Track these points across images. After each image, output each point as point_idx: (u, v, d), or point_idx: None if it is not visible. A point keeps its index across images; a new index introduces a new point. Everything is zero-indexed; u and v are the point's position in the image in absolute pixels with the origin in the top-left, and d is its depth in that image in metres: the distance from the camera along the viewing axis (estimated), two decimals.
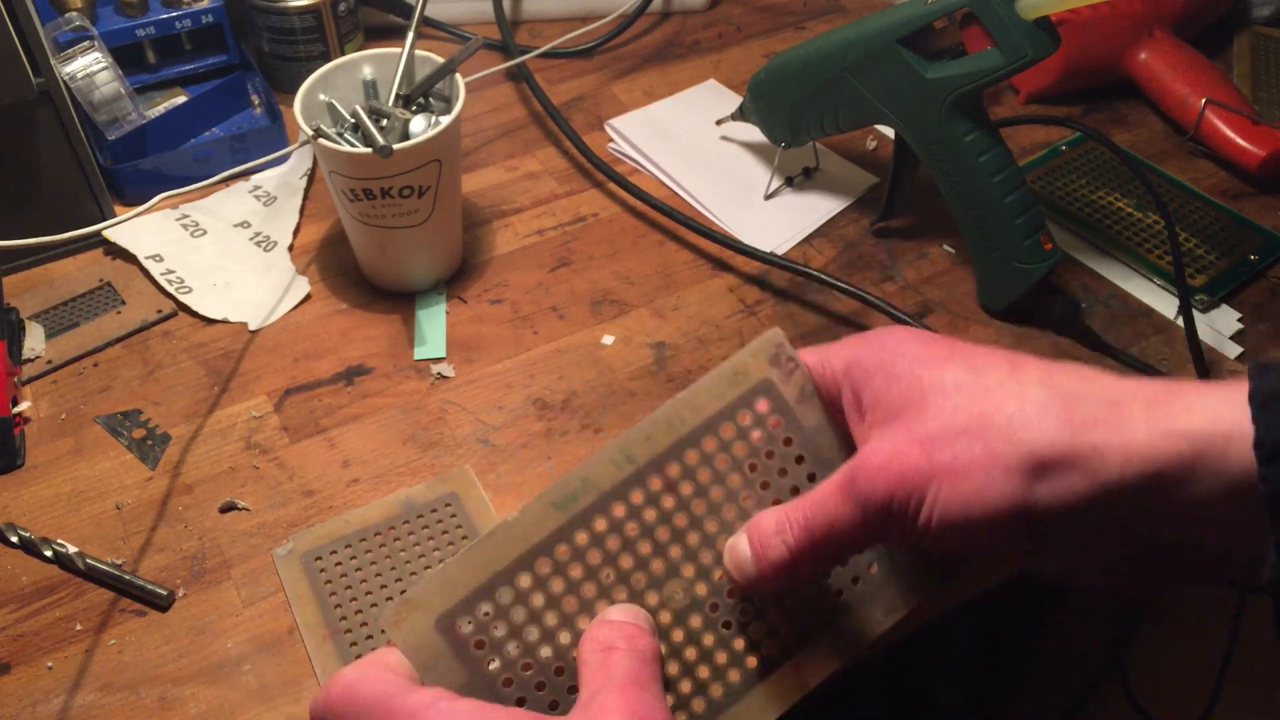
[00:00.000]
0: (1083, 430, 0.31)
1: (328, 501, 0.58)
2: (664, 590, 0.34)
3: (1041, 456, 0.31)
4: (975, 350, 0.35)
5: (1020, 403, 0.32)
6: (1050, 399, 0.32)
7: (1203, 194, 0.76)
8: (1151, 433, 0.30)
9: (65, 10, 0.72)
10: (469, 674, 0.32)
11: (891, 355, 0.35)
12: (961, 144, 0.63)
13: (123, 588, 0.54)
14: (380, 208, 0.63)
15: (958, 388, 0.33)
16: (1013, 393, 0.32)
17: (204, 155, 0.75)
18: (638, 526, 0.33)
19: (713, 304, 0.69)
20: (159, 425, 0.62)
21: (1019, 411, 0.32)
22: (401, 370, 0.65)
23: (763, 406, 0.35)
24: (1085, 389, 0.32)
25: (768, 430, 0.36)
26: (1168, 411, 0.30)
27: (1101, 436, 0.31)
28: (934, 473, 0.32)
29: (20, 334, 0.66)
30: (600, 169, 0.76)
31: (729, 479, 0.35)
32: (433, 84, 0.66)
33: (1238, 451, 0.29)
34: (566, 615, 0.33)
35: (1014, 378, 0.33)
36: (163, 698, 0.51)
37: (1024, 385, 0.32)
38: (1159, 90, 0.80)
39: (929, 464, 0.32)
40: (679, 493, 0.34)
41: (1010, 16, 0.59)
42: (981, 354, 0.34)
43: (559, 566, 0.32)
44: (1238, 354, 0.66)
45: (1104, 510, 0.31)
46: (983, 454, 0.31)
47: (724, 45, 0.91)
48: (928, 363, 0.34)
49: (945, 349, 0.35)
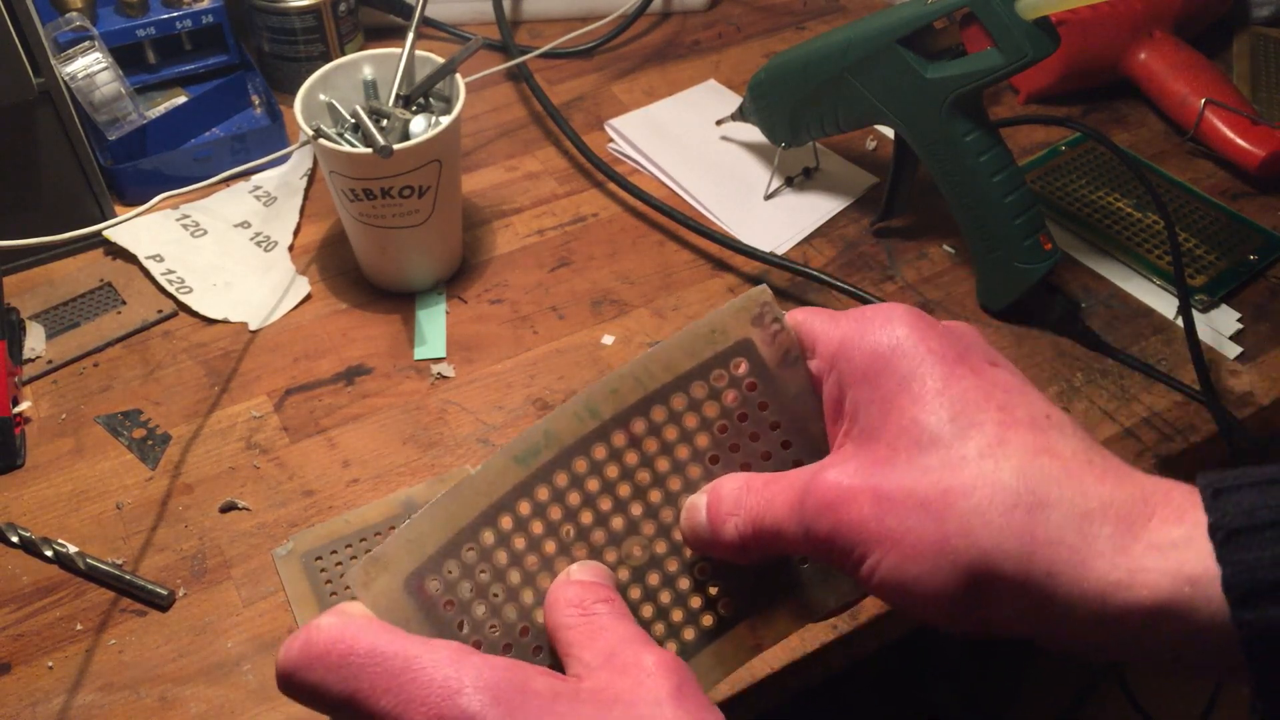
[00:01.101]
0: (1043, 549, 0.28)
1: (328, 501, 0.58)
2: (622, 547, 0.33)
3: (992, 567, 0.29)
4: (968, 387, 0.31)
5: (989, 493, 0.29)
6: (1019, 499, 0.29)
7: (1202, 194, 0.76)
8: (1113, 572, 0.28)
9: (65, 10, 0.72)
10: (440, 635, 0.31)
11: (884, 365, 0.32)
12: (961, 144, 0.63)
13: (123, 587, 0.54)
14: (380, 208, 0.63)
15: (934, 441, 0.30)
16: (985, 476, 0.29)
17: (204, 155, 0.75)
18: (599, 482, 0.33)
19: (713, 304, 0.69)
20: (159, 425, 0.62)
21: (983, 505, 0.29)
22: (401, 370, 0.65)
23: (740, 368, 0.34)
24: (1059, 493, 0.29)
25: (743, 393, 0.34)
26: (1135, 545, 0.28)
27: (1062, 563, 0.28)
28: (881, 537, 0.30)
29: (21, 334, 0.66)
30: (600, 169, 0.76)
31: (696, 438, 0.34)
32: (433, 84, 0.66)
33: (1204, 597, 0.27)
34: (529, 573, 0.32)
35: (994, 451, 0.30)
36: (163, 697, 0.51)
37: (999, 468, 0.29)
38: (1159, 90, 0.80)
39: (878, 525, 0.30)
40: (643, 449, 0.33)
41: (1010, 16, 0.59)
42: (973, 395, 0.31)
43: (521, 522, 0.32)
44: (1237, 354, 0.66)
45: (1051, 628, 0.30)
46: (934, 540, 0.29)
47: (724, 45, 0.91)
48: (914, 394, 0.31)
49: (939, 378, 0.31)
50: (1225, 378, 0.65)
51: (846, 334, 0.34)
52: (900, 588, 0.30)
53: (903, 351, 0.32)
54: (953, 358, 0.32)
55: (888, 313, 0.33)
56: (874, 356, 0.33)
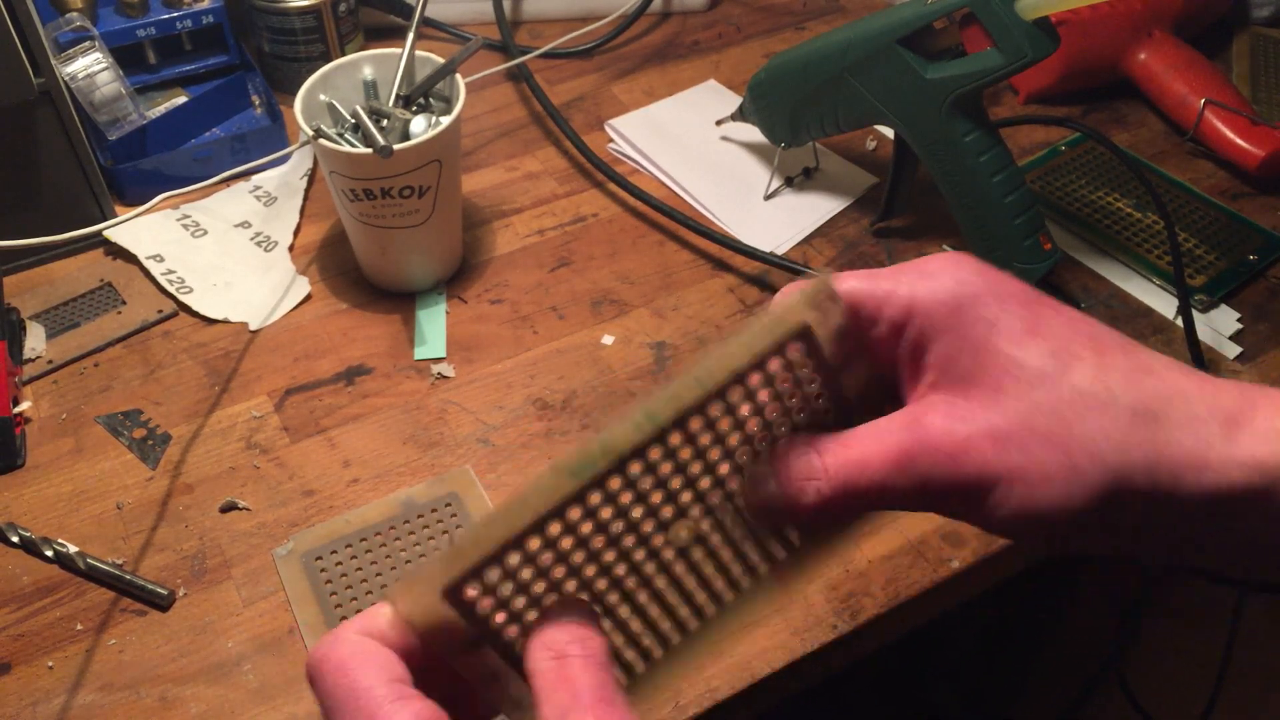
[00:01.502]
0: (1165, 455, 0.31)
1: (328, 501, 0.58)
2: (670, 532, 0.33)
3: (1121, 482, 0.31)
4: (1056, 324, 0.33)
5: (1107, 418, 0.31)
6: (1135, 415, 0.31)
7: (1202, 194, 0.76)
8: (1227, 460, 0.30)
9: (66, 10, 0.72)
10: (474, 628, 0.32)
11: (967, 313, 0.33)
12: (961, 144, 0.63)
13: (123, 587, 0.54)
14: (380, 208, 0.63)
15: (1040, 377, 0.31)
16: (1099, 401, 0.31)
17: (204, 155, 0.75)
18: (652, 480, 0.33)
19: (713, 304, 0.69)
20: (159, 425, 0.62)
21: (1106, 428, 0.31)
22: (402, 370, 0.65)
23: (794, 351, 0.33)
24: (1167, 403, 0.31)
25: (795, 374, 0.34)
26: (1242, 436, 0.31)
27: (1182, 462, 0.30)
28: (1007, 473, 0.31)
29: (21, 334, 0.66)
30: (600, 169, 0.76)
31: (748, 425, 0.33)
32: (433, 84, 0.66)
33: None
34: (573, 566, 0.32)
35: (1099, 379, 0.31)
36: (163, 697, 0.51)
37: (1111, 392, 0.31)
38: (1158, 90, 0.80)
39: (1001, 463, 0.31)
40: (697, 444, 0.33)
41: (1010, 17, 0.59)
42: (1063, 331, 0.32)
43: (569, 526, 0.32)
44: (1237, 354, 0.66)
45: (1172, 524, 0.31)
46: (1062, 466, 0.31)
47: (724, 45, 0.91)
48: (1007, 335, 0.32)
49: (1025, 319, 0.32)
50: (1225, 377, 0.65)
51: (915, 292, 0.34)
52: (1032, 516, 0.31)
53: (983, 299, 0.33)
54: (1032, 298, 0.33)
55: (952, 264, 0.34)
56: (954, 308, 0.33)
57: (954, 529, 0.57)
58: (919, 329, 0.33)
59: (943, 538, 0.57)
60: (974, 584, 0.58)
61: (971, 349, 0.32)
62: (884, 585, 0.55)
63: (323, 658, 0.31)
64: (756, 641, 0.53)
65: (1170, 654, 0.86)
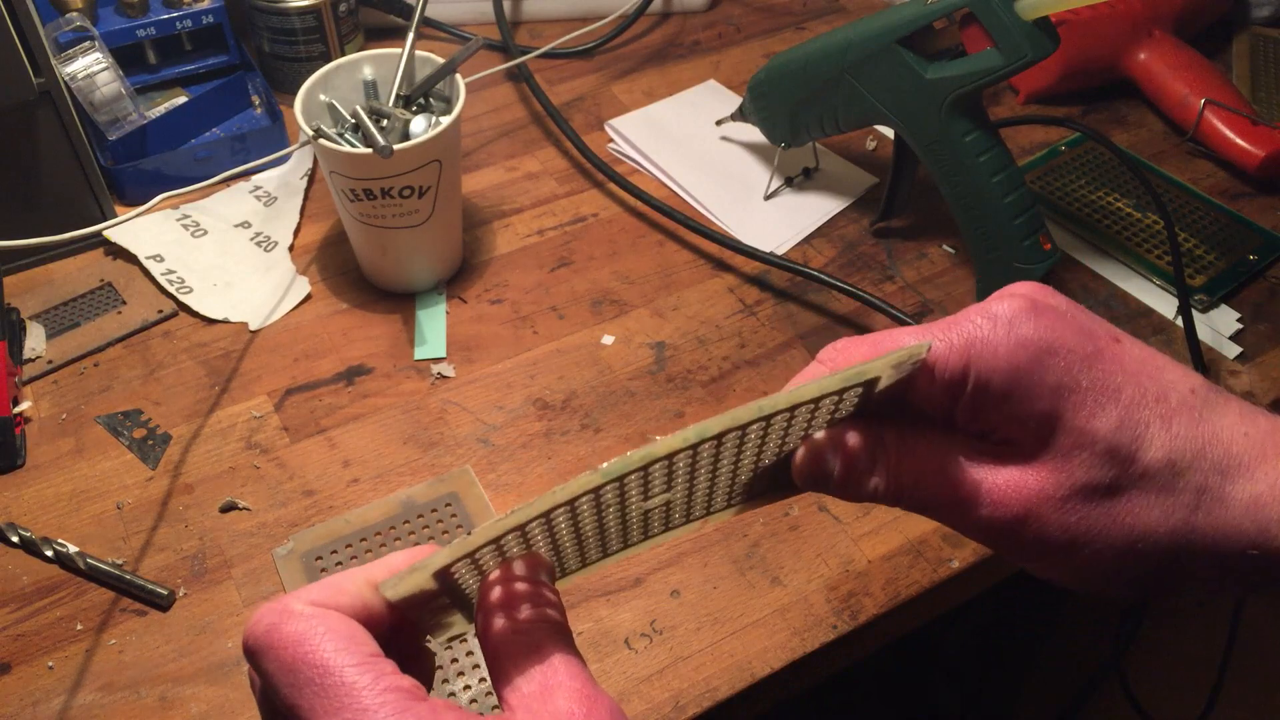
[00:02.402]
0: (1225, 535, 0.31)
1: (328, 501, 0.58)
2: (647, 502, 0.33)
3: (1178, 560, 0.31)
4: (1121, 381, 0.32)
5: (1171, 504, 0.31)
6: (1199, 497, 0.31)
7: (1202, 194, 0.76)
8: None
9: (66, 10, 0.72)
10: (456, 601, 0.32)
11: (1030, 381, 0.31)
12: (961, 144, 0.63)
13: (123, 587, 0.54)
14: (380, 208, 0.63)
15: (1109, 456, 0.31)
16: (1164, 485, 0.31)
17: (204, 155, 0.75)
18: (665, 469, 0.33)
19: (713, 304, 0.69)
20: (159, 425, 0.62)
21: (1169, 515, 0.31)
22: (402, 370, 0.65)
23: (853, 395, 0.33)
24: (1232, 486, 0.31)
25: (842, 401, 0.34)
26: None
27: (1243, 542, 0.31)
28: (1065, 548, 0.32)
29: (21, 334, 0.66)
30: (600, 169, 0.76)
31: (774, 429, 0.33)
32: (433, 84, 0.66)
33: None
34: (556, 528, 0.32)
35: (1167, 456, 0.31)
36: (163, 697, 0.51)
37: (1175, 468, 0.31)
38: (1158, 90, 0.80)
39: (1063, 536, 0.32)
40: (722, 444, 0.33)
41: (1010, 17, 0.59)
42: (1130, 391, 0.32)
43: (573, 511, 0.32)
44: (1237, 354, 0.66)
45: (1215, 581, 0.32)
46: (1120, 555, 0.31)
47: (724, 45, 0.91)
48: (1073, 405, 0.31)
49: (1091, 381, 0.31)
50: (1225, 378, 0.65)
51: (974, 357, 0.32)
52: (1076, 587, 0.33)
53: (1045, 362, 0.31)
54: (1093, 349, 0.32)
55: (1012, 320, 0.32)
56: (1014, 375, 0.31)
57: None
58: (976, 393, 0.32)
59: (943, 538, 0.57)
60: (974, 584, 0.58)
61: (1037, 419, 0.31)
62: (884, 585, 0.55)
63: (271, 631, 0.28)
64: (756, 641, 0.53)
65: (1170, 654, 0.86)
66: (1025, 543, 0.32)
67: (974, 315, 0.32)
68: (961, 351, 0.32)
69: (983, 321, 0.32)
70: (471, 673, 0.51)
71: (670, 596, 0.54)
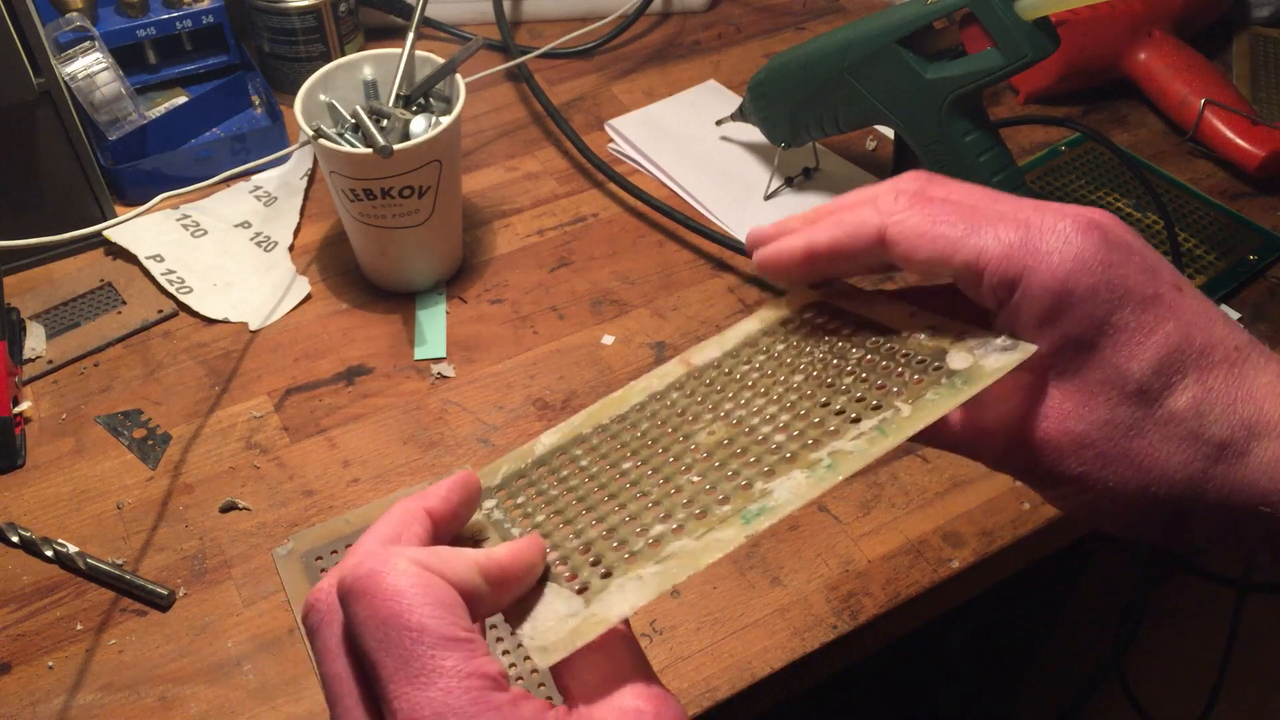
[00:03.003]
0: (1240, 491, 0.31)
1: (328, 501, 0.58)
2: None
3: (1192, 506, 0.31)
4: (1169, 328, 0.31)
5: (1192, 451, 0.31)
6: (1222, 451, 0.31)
7: (1202, 194, 0.76)
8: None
9: (66, 10, 0.72)
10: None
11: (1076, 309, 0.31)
12: (961, 144, 0.63)
13: (123, 587, 0.54)
14: (380, 208, 0.63)
15: (1139, 395, 0.31)
16: (1189, 431, 0.31)
17: (204, 155, 0.75)
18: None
19: (713, 304, 0.69)
20: (159, 425, 0.62)
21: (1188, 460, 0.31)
22: (402, 370, 0.65)
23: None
24: (1258, 444, 0.31)
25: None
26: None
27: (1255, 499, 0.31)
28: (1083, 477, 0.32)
29: (21, 334, 0.66)
30: (600, 169, 0.76)
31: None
32: (433, 84, 0.66)
33: None
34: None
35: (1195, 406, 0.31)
36: (163, 697, 0.51)
37: (1203, 421, 0.31)
38: (1158, 90, 0.80)
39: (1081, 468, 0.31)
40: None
41: (1010, 17, 0.59)
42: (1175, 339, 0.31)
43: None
44: None
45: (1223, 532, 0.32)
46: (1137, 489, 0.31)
47: (724, 45, 0.91)
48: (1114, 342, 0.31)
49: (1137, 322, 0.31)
50: None
51: (1028, 265, 0.31)
52: (1094, 519, 0.32)
53: (1099, 292, 0.31)
54: (1149, 294, 0.31)
55: (1071, 236, 0.31)
56: (1064, 297, 0.31)
57: (954, 529, 0.57)
58: (1022, 303, 0.31)
59: (943, 538, 0.57)
60: (974, 584, 0.58)
61: (1075, 346, 0.31)
62: (884, 585, 0.55)
63: (371, 577, 0.27)
64: (756, 641, 0.53)
65: (1170, 654, 0.86)
66: (1037, 470, 0.32)
67: (1040, 227, 0.31)
68: (1018, 261, 0.31)
69: (1050, 237, 0.31)
70: None
71: (670, 596, 0.54)
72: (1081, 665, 0.91)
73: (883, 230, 0.33)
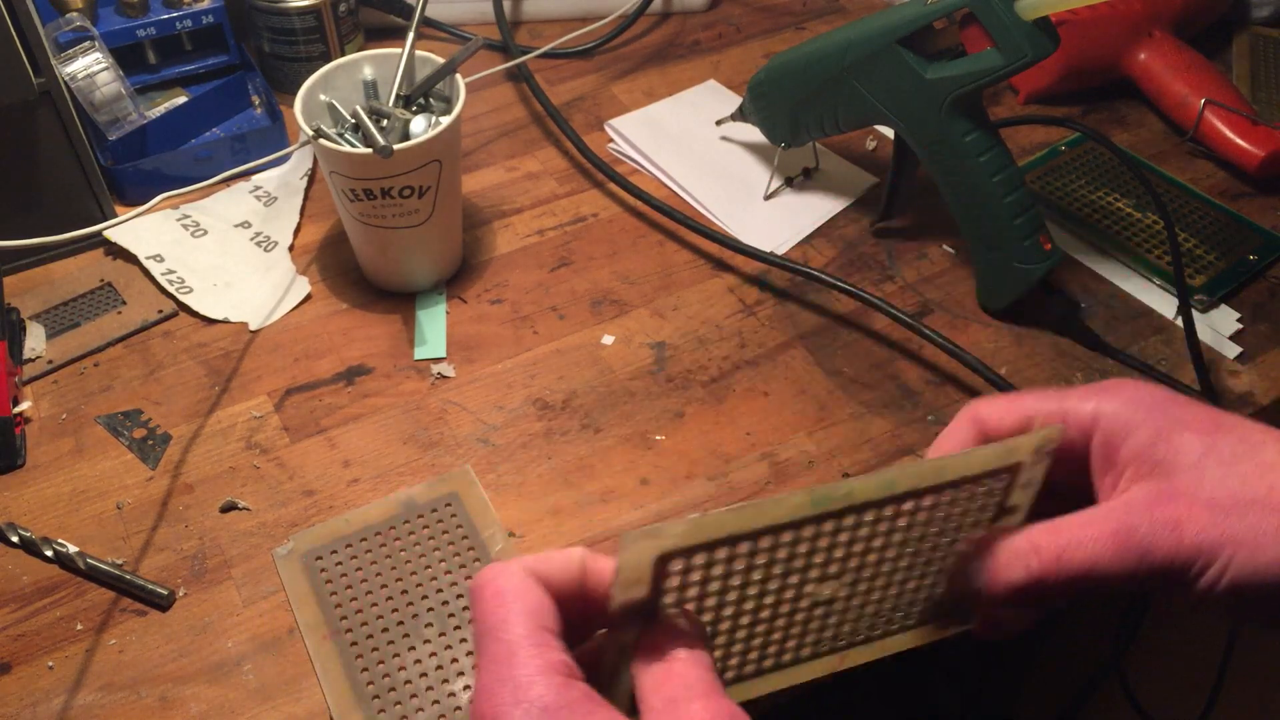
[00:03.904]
0: None
1: (328, 501, 0.58)
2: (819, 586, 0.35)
3: None
4: (1236, 422, 0.35)
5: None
6: None
7: (1202, 194, 0.76)
8: None
9: (66, 10, 0.72)
10: (645, 603, 0.33)
11: (1157, 415, 0.35)
12: (961, 144, 0.63)
13: (123, 587, 0.54)
14: (380, 208, 0.63)
15: (1235, 458, 0.34)
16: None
17: (204, 155, 0.75)
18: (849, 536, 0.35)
19: (713, 304, 0.69)
20: (159, 425, 0.62)
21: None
22: (402, 370, 0.65)
23: (999, 482, 0.36)
24: None
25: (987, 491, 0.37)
26: None
27: None
28: (1225, 540, 0.33)
29: (21, 334, 0.66)
30: (600, 169, 0.76)
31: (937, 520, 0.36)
32: (433, 84, 0.66)
33: None
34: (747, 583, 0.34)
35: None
36: (163, 697, 0.51)
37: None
38: (1158, 90, 0.81)
39: (1219, 531, 0.33)
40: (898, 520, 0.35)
41: (1010, 17, 0.59)
42: (1244, 427, 0.35)
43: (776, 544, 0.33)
44: (1237, 354, 0.66)
45: None
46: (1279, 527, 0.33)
47: (724, 45, 0.91)
48: (1198, 429, 0.35)
49: (1210, 418, 0.35)
50: (1225, 378, 0.65)
51: (1102, 402, 0.37)
52: (1254, 582, 0.33)
53: (1162, 403, 0.36)
54: (1206, 407, 0.36)
55: (1131, 382, 0.37)
56: (1142, 408, 0.36)
57: None
58: (1110, 431, 0.36)
59: None
60: None
61: (1170, 442, 0.35)
62: None
63: (487, 582, 0.32)
64: None
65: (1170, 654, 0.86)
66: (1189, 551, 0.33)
67: (1098, 384, 0.37)
68: (1093, 403, 0.37)
69: (1107, 385, 0.37)
70: (472, 673, 0.51)
71: None
72: (1081, 665, 0.91)
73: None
